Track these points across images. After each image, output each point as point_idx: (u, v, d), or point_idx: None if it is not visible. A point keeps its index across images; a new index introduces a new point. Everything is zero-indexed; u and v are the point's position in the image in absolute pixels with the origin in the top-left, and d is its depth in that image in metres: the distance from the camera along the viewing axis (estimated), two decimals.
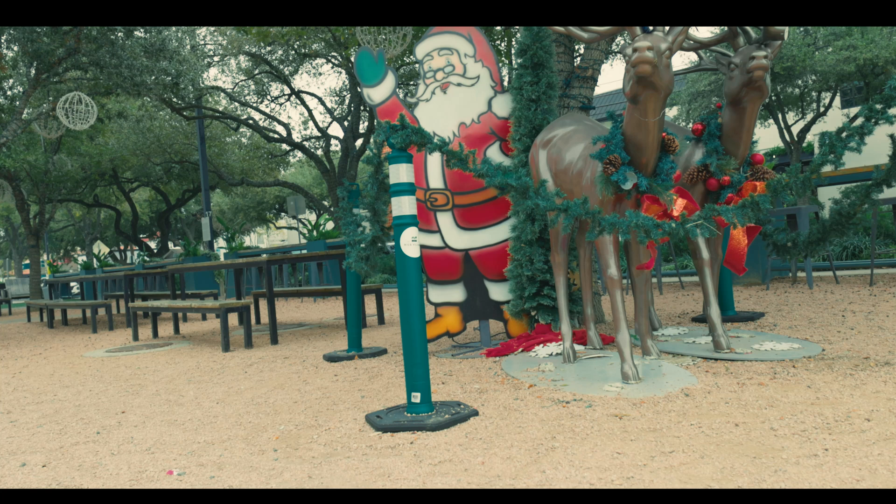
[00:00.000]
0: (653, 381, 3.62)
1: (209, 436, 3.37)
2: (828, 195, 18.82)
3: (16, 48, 12.80)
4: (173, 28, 13.33)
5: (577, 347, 4.68)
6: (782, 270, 8.21)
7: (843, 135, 3.31)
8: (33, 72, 12.83)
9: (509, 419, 3.16)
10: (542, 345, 4.77)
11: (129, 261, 37.95)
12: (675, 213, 3.54)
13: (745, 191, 4.28)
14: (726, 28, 4.31)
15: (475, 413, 3.30)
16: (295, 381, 4.67)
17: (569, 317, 4.50)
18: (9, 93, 15.69)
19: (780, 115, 18.16)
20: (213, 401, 4.26)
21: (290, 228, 38.27)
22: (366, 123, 20.44)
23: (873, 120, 3.36)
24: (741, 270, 4.26)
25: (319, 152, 22.69)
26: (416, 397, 3.32)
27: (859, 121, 3.38)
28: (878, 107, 3.39)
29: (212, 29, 18.25)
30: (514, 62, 5.23)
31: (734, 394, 3.25)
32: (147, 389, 4.89)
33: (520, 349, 4.82)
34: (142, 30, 12.48)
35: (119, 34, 12.19)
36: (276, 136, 21.57)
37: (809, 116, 19.05)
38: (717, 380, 3.57)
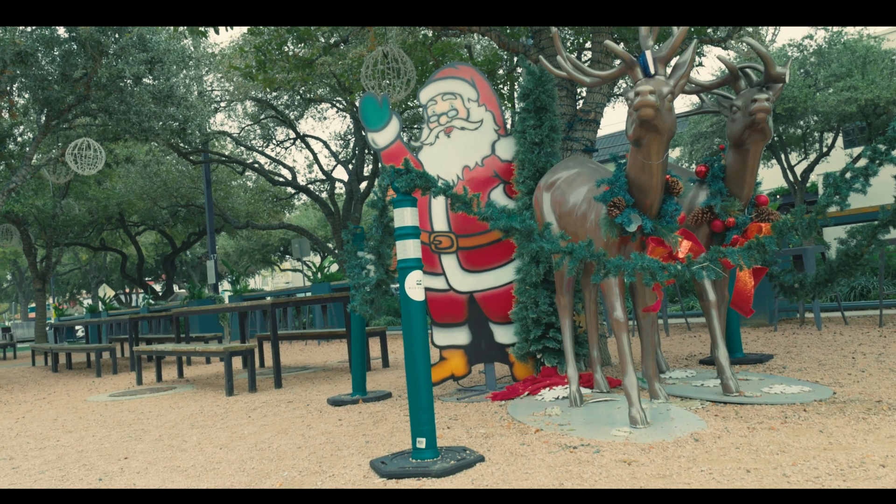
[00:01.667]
0: (661, 425, 3.57)
1: (212, 483, 3.32)
2: (833, 235, 18.80)
3: (27, 95, 12.96)
4: (181, 74, 13.50)
5: (584, 391, 4.63)
6: (790, 312, 8.16)
7: (848, 176, 3.31)
8: (44, 118, 12.98)
9: (516, 465, 3.11)
10: (548, 388, 4.72)
11: (134, 304, 37.96)
12: (681, 255, 3.53)
13: (750, 232, 4.27)
14: (727, 71, 4.34)
15: (481, 459, 3.25)
16: (299, 426, 4.62)
17: (575, 360, 4.46)
18: (19, 139, 15.85)
19: (782, 156, 18.24)
20: (216, 446, 4.21)
21: (295, 271, 38.28)
22: (370, 167, 20.56)
23: (877, 161, 3.36)
24: (748, 312, 4.23)
25: (324, 195, 22.80)
26: (422, 443, 3.28)
27: (863, 162, 3.39)
28: (882, 148, 3.39)
29: (219, 75, 18.48)
30: (516, 106, 5.27)
31: (745, 438, 3.20)
32: (150, 434, 4.84)
33: (525, 393, 4.78)
34: (150, 77, 12.64)
35: (128, 81, 12.35)
36: (281, 179, 21.70)
37: (812, 157, 19.13)
38: (726, 424, 3.52)
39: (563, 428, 3.73)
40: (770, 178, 24.06)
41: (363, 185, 20.43)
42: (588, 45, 10.61)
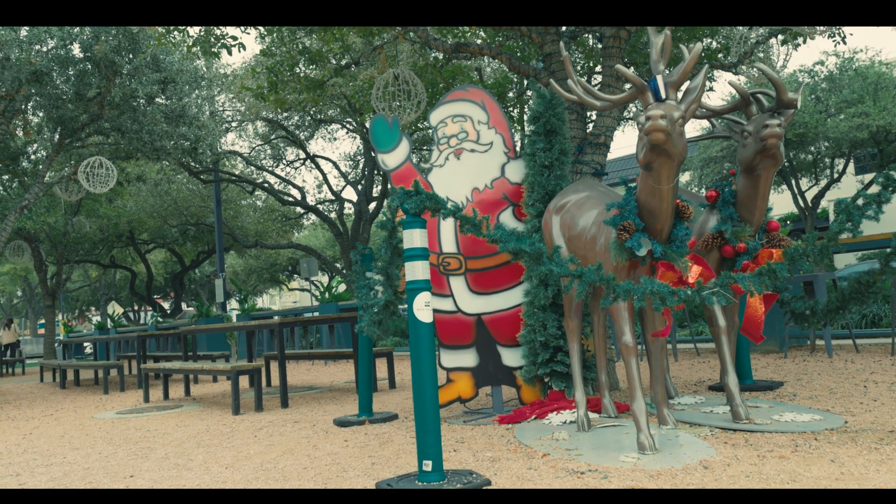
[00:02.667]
0: (670, 451, 3.54)
1: (216, 503, 3.30)
2: (844, 262, 18.71)
3: (41, 114, 13.08)
4: (194, 94, 13.61)
5: (592, 415, 4.59)
6: (800, 338, 8.09)
7: (861, 202, 3.29)
8: (57, 137, 13.09)
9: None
10: (555, 412, 4.69)
11: (142, 321, 38.03)
12: (691, 280, 3.51)
13: (761, 258, 4.24)
14: (739, 96, 4.34)
15: (488, 482, 3.22)
16: (304, 446, 4.60)
17: (583, 384, 4.43)
18: (33, 157, 15.99)
19: (793, 181, 18.21)
20: (221, 465, 4.19)
21: (303, 290, 38.31)
22: (379, 187, 20.63)
23: (890, 188, 3.34)
24: (758, 338, 4.19)
25: (333, 215, 22.86)
26: (428, 465, 3.25)
27: (875, 188, 3.37)
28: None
29: (231, 96, 18.62)
30: (526, 129, 5.28)
31: (755, 467, 3.16)
32: (156, 453, 4.82)
33: (533, 416, 4.74)
34: (163, 96, 12.75)
35: (141, 101, 12.46)
36: (290, 199, 21.79)
37: (823, 182, 19.09)
38: (736, 451, 3.48)
39: (571, 453, 3.69)
40: (780, 203, 24.02)
41: (372, 205, 20.49)
42: (598, 68, 10.66)
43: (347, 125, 19.44)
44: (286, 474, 3.81)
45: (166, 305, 36.06)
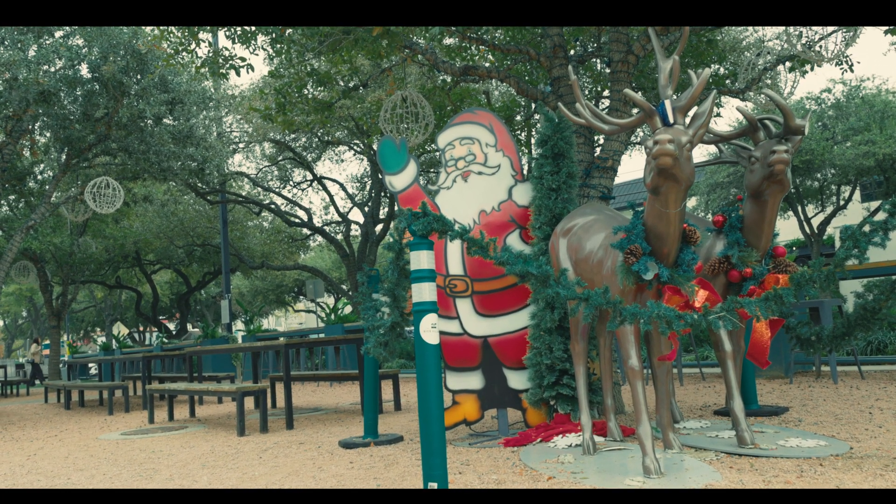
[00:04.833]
0: (675, 475, 3.53)
1: None
2: (850, 288, 18.65)
3: (48, 134, 13.19)
4: (201, 115, 13.71)
5: (597, 439, 4.58)
6: (805, 364, 8.07)
7: (867, 229, 3.30)
8: (64, 157, 13.19)
9: None
10: (561, 435, 4.68)
11: (147, 342, 38.03)
12: (697, 305, 3.52)
13: (767, 283, 4.25)
14: (746, 122, 4.37)
15: None
16: (310, 468, 4.59)
17: (588, 407, 4.42)
18: (39, 177, 16.10)
19: (799, 208, 18.22)
20: (226, 487, 4.18)
21: (309, 312, 38.31)
22: (386, 209, 20.69)
23: None
24: (764, 364, 4.19)
25: (339, 237, 22.91)
26: (433, 487, 3.25)
27: (881, 215, 3.39)
28: None
29: (238, 117, 18.75)
30: (534, 152, 5.31)
31: None
32: (161, 474, 4.82)
33: (538, 439, 4.73)
34: (170, 117, 12.85)
35: (148, 121, 12.56)
36: (297, 220, 21.85)
37: (829, 209, 19.11)
38: (741, 476, 3.47)
39: (576, 476, 3.68)
40: (786, 229, 24.00)
41: (379, 227, 20.54)
42: (606, 93, 10.73)
43: (355, 147, 19.55)
44: None
45: (172, 326, 36.06)
